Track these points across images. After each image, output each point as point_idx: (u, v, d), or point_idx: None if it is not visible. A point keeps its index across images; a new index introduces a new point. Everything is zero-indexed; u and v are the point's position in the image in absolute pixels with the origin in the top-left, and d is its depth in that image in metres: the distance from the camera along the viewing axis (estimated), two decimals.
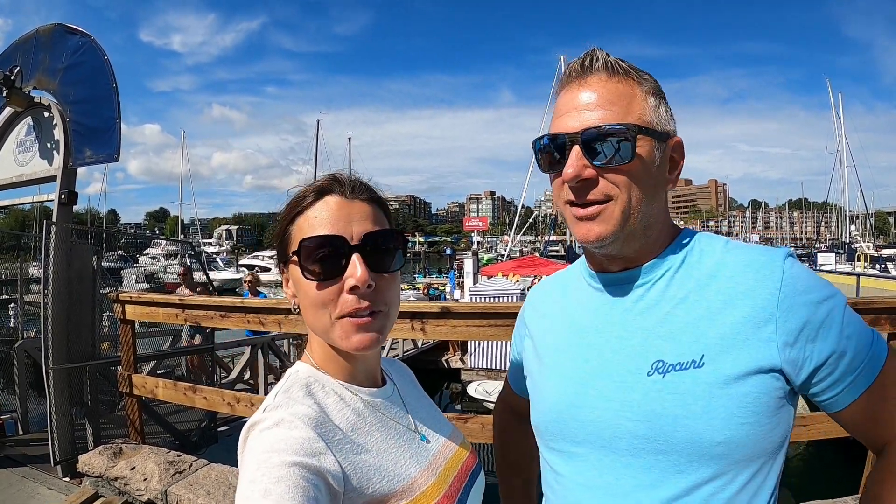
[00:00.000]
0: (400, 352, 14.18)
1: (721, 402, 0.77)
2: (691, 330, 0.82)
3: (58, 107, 4.34)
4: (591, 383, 0.88)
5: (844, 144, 49.01)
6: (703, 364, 0.79)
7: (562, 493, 0.92)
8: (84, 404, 4.25)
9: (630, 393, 0.83)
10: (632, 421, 0.82)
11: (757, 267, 0.82)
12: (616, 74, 0.85)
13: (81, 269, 4.26)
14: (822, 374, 0.78)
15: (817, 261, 29.85)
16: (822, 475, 8.22)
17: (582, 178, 0.83)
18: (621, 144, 0.81)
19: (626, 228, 0.84)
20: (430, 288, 26.63)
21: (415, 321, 2.83)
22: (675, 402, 0.79)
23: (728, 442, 0.77)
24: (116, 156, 4.14)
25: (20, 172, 4.63)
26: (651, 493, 0.81)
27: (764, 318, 0.79)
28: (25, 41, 4.74)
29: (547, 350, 1.00)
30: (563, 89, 0.88)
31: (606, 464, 0.85)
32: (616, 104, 0.83)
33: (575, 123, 0.84)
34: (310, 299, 0.82)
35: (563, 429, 0.91)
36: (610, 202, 0.83)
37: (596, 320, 0.92)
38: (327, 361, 0.88)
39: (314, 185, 0.86)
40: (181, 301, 3.91)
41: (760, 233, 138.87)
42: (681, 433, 0.78)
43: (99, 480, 3.39)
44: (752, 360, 0.78)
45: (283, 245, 0.86)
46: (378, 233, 0.84)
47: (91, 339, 4.30)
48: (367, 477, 0.77)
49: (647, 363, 0.83)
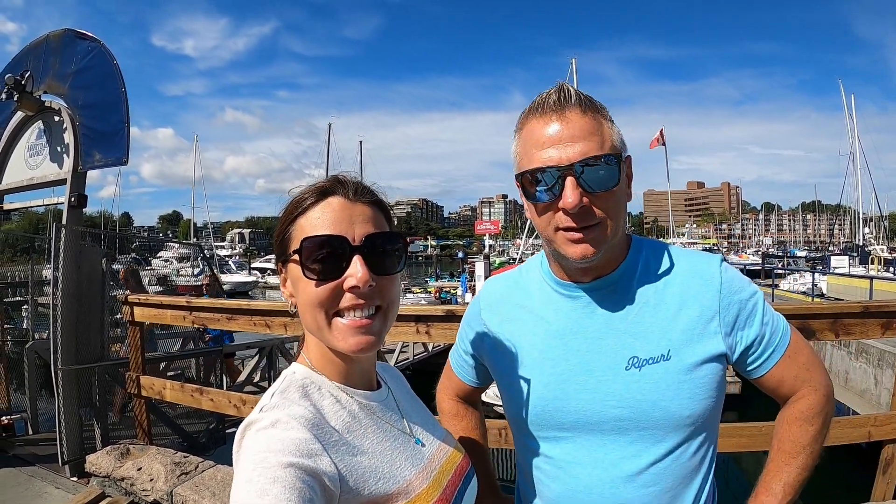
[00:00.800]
0: (410, 355, 14.17)
1: (686, 386, 0.98)
2: (658, 330, 1.01)
3: (68, 111, 4.39)
4: (573, 379, 1.03)
5: (857, 146, 48.58)
6: (670, 357, 0.99)
7: (551, 472, 1.07)
8: (93, 405, 4.28)
9: (611, 385, 1.00)
10: (616, 408, 1.00)
11: (700, 273, 1.04)
12: (588, 109, 0.95)
13: (91, 272, 4.30)
14: (751, 351, 1.04)
15: (830, 264, 29.39)
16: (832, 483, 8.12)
17: (580, 206, 0.92)
18: (608, 170, 0.93)
19: (610, 243, 0.98)
20: (441, 291, 26.63)
21: (420, 324, 2.83)
22: (652, 389, 0.98)
23: (692, 415, 0.98)
24: (125, 159, 4.18)
25: (31, 175, 4.69)
26: (635, 461, 1.00)
27: (710, 316, 1.01)
28: (36, 46, 4.80)
29: (522, 351, 1.10)
30: (539, 119, 0.96)
31: (594, 442, 1.02)
32: (594, 136, 0.94)
33: (563, 156, 0.92)
34: (308, 298, 0.82)
35: (549, 419, 1.05)
36: (600, 224, 0.95)
37: (571, 324, 1.06)
38: (324, 363, 0.88)
39: (317, 186, 0.86)
40: (188, 303, 3.93)
41: (773, 235, 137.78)
42: (658, 413, 0.98)
43: (106, 480, 3.41)
44: (705, 350, 1.00)
45: (284, 244, 0.86)
46: (380, 235, 0.85)
47: (100, 340, 4.34)
48: (363, 479, 0.77)
49: (623, 359, 1.01)
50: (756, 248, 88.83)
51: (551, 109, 0.95)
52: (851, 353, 8.91)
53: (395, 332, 2.95)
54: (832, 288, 18.30)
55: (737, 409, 9.94)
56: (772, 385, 1.07)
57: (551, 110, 0.95)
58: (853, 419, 2.58)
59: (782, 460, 1.07)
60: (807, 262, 40.03)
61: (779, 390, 1.08)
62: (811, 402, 1.07)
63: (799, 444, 1.07)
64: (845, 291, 16.59)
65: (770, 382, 1.07)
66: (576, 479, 1.03)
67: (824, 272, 22.33)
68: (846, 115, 49.80)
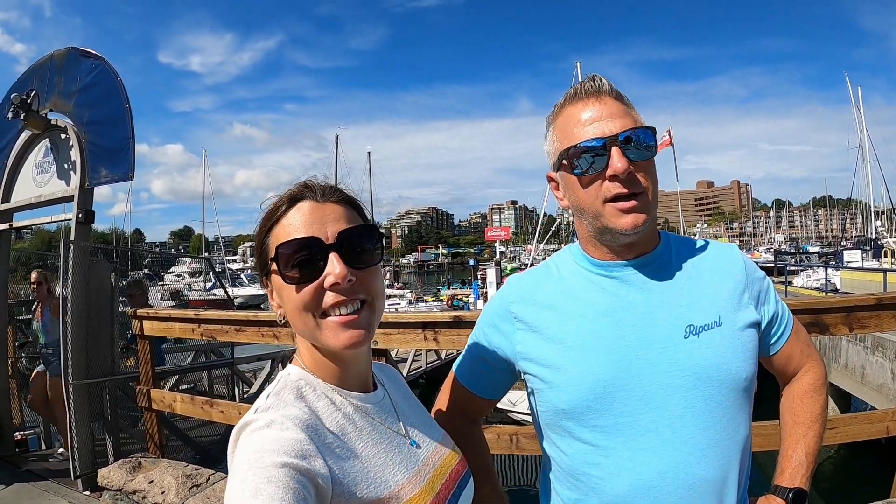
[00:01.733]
0: (423, 363, 14.17)
1: (740, 349, 1.03)
2: (706, 298, 1.06)
3: (74, 128, 4.43)
4: (633, 355, 1.02)
5: (866, 139, 48.15)
6: (722, 322, 1.04)
7: (614, 465, 1.01)
8: (104, 419, 4.30)
9: (674, 354, 1.01)
10: (682, 377, 1.00)
11: (726, 254, 1.14)
12: (618, 96, 1.04)
13: (100, 287, 4.32)
14: (771, 326, 1.13)
15: (843, 258, 29.07)
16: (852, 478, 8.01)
17: (628, 172, 0.98)
18: (647, 141, 1.01)
19: (653, 214, 1.03)
20: (453, 299, 26.67)
21: (427, 331, 2.81)
22: (713, 353, 1.01)
23: (748, 377, 1.03)
24: (131, 174, 4.20)
25: (39, 193, 4.73)
26: (706, 434, 0.99)
27: (742, 289, 1.09)
28: (41, 65, 4.85)
29: (569, 335, 1.06)
30: (577, 104, 1.04)
31: (662, 422, 0.99)
32: (627, 115, 1.02)
33: (606, 129, 0.99)
34: (293, 303, 0.83)
35: (612, 402, 1.01)
36: (644, 192, 1.00)
37: (620, 301, 1.06)
38: (317, 366, 0.88)
39: (286, 194, 0.87)
40: (197, 316, 3.95)
41: (785, 232, 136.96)
42: (721, 375, 1.00)
43: (118, 494, 3.43)
44: (746, 317, 1.07)
45: (263, 256, 0.87)
46: (352, 230, 0.85)
47: (110, 355, 4.36)
48: (355, 482, 0.77)
49: (680, 328, 1.02)
50: (768, 245, 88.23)
51: (588, 94, 1.03)
52: (867, 347, 8.81)
53: (403, 339, 2.93)
54: (846, 283, 18.10)
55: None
56: (783, 361, 1.17)
57: (588, 95, 1.03)
58: (871, 414, 2.54)
59: (800, 432, 1.14)
60: (819, 257, 39.63)
61: (788, 366, 1.18)
62: (816, 374, 1.19)
63: (813, 413, 1.15)
64: (859, 286, 16.39)
65: (782, 358, 1.17)
66: (646, 466, 0.99)
67: (837, 267, 22.12)
68: (853, 108, 49.41)
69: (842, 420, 2.35)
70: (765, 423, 2.29)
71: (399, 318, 2.96)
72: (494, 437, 2.60)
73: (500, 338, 1.15)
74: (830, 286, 17.75)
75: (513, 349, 1.13)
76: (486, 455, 1.28)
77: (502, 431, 2.60)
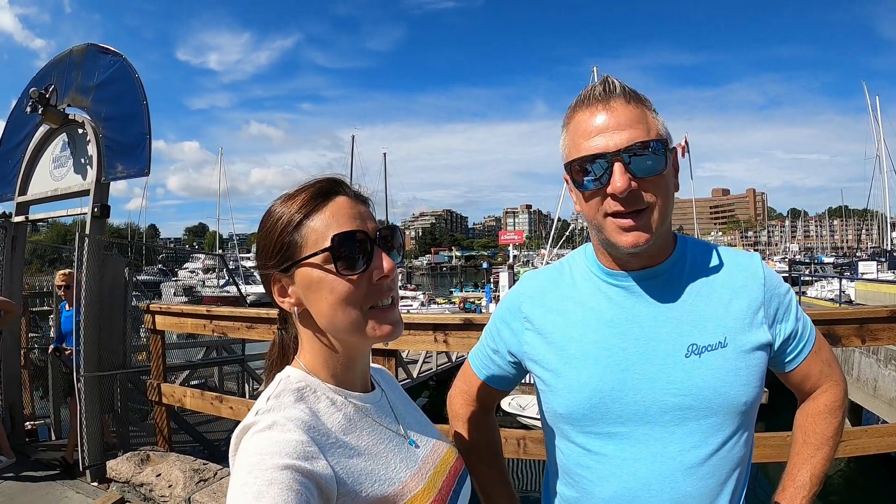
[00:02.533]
0: (434, 365, 14.15)
1: (743, 373, 1.00)
2: (713, 318, 1.02)
3: (91, 123, 4.48)
4: (632, 368, 1.01)
5: (884, 148, 47.67)
6: (727, 344, 1.00)
7: (604, 470, 1.03)
8: (114, 412, 4.34)
9: (672, 372, 1.00)
10: (676, 396, 0.99)
11: (745, 267, 1.08)
12: (632, 100, 0.97)
13: (113, 281, 4.37)
14: (787, 344, 1.08)
15: (858, 269, 28.66)
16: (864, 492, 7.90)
17: (629, 190, 0.93)
18: (655, 157, 0.95)
19: (660, 230, 0.98)
20: (465, 302, 26.64)
21: (437, 333, 2.81)
22: (712, 376, 0.99)
23: (748, 402, 1.00)
24: (147, 170, 4.25)
25: (55, 187, 4.79)
26: (694, 453, 0.99)
27: (756, 307, 1.04)
28: (60, 61, 4.92)
29: (572, 343, 1.07)
30: (585, 111, 0.98)
31: (652, 436, 1.00)
32: (640, 123, 0.95)
33: (611, 143, 0.94)
34: (339, 296, 0.81)
35: (606, 411, 1.02)
36: (648, 209, 0.96)
37: (625, 313, 1.04)
38: (319, 366, 0.87)
39: (315, 189, 0.85)
40: (208, 312, 3.97)
41: (800, 242, 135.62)
42: (718, 399, 0.98)
43: (126, 486, 3.45)
44: (756, 338, 1.02)
45: (289, 251, 0.84)
46: (388, 228, 0.88)
47: (122, 348, 4.40)
48: (360, 481, 0.77)
49: (682, 346, 1.00)
50: (783, 255, 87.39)
51: (597, 100, 0.97)
52: (880, 360, 8.69)
53: (413, 340, 2.93)
54: (860, 294, 17.86)
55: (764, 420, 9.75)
56: (799, 379, 1.13)
57: (597, 101, 0.97)
58: (883, 428, 2.51)
59: (808, 452, 1.11)
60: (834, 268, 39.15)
61: (804, 384, 1.14)
62: (833, 395, 1.13)
63: (824, 436, 1.12)
64: (874, 298, 16.17)
65: (798, 377, 1.12)
66: (633, 476, 1.00)
67: (852, 278, 21.83)
68: (871, 117, 48.97)
69: (852, 433, 2.31)
70: (775, 435, 2.28)
71: (410, 320, 2.95)
72: (502, 440, 2.59)
73: (510, 334, 1.17)
74: (845, 297, 17.52)
75: (520, 348, 1.15)
76: (497, 443, 1.34)
77: (510, 435, 2.59)
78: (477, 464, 1.25)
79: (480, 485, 1.26)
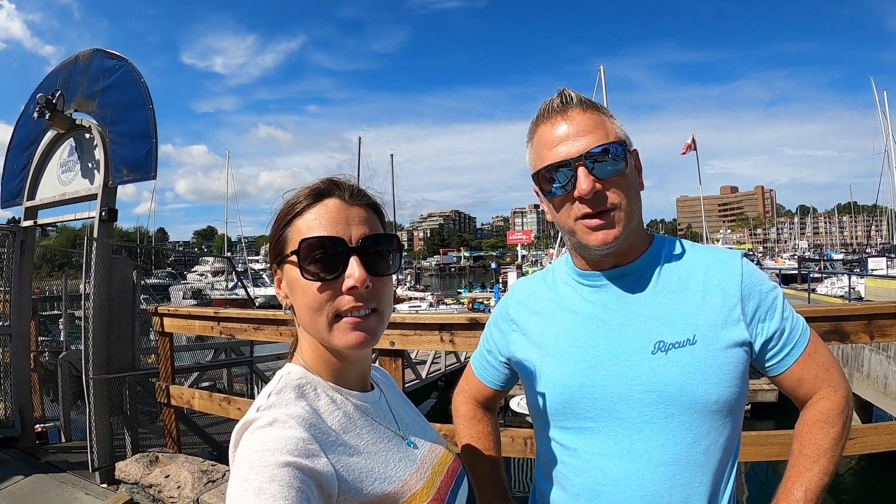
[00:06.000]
0: (442, 366, 14.13)
1: (713, 371, 0.99)
2: (683, 315, 1.03)
3: (98, 128, 4.51)
4: (599, 365, 1.04)
5: (892, 144, 47.09)
6: (696, 342, 1.01)
7: (574, 465, 1.07)
8: (123, 414, 4.37)
9: (637, 369, 1.01)
10: (642, 392, 1.00)
11: (722, 264, 1.07)
12: (588, 108, 1.03)
13: (122, 284, 4.39)
14: (771, 345, 1.05)
15: (868, 266, 28.44)
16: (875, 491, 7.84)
17: (594, 192, 0.98)
18: (615, 159, 1.00)
19: (628, 228, 1.02)
20: (474, 302, 26.60)
21: (444, 333, 2.81)
22: (679, 373, 0.99)
23: (719, 401, 0.99)
24: (153, 174, 4.26)
25: (63, 191, 4.82)
26: (663, 451, 0.99)
27: (732, 304, 1.03)
28: (66, 66, 4.96)
29: (549, 341, 1.12)
30: (546, 123, 1.04)
31: (620, 432, 1.02)
32: (598, 129, 1.01)
33: (573, 150, 1.00)
34: (307, 300, 0.82)
35: (576, 408, 1.05)
36: (615, 209, 1.00)
37: (597, 312, 1.08)
38: (318, 364, 0.87)
39: (312, 188, 0.87)
40: (216, 314, 3.99)
41: (809, 239, 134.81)
42: (685, 397, 0.99)
43: (134, 487, 3.48)
44: (730, 336, 1.01)
45: (279, 246, 0.86)
46: (375, 236, 0.85)
47: (131, 351, 4.42)
48: (360, 479, 0.77)
49: (649, 344, 1.02)
50: (792, 252, 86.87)
51: (556, 112, 1.03)
52: (891, 357, 8.61)
53: (419, 340, 2.94)
54: (870, 291, 17.74)
55: (773, 418, 9.70)
56: (791, 384, 1.08)
57: (556, 112, 1.03)
58: (893, 425, 2.48)
59: (804, 465, 1.05)
60: (844, 264, 38.88)
61: (798, 390, 1.09)
62: (831, 403, 1.06)
63: (820, 447, 1.05)
64: (885, 294, 16.06)
65: (790, 381, 1.08)
66: (601, 471, 1.03)
67: (862, 275, 21.67)
68: (879, 112, 48.39)
69: (862, 430, 2.30)
70: (779, 433, 2.27)
71: (416, 320, 2.96)
72: (509, 440, 2.59)
73: (500, 336, 1.25)
74: (854, 294, 17.42)
75: (508, 348, 1.23)
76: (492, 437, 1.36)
77: (517, 434, 2.59)
78: (471, 454, 1.32)
79: (474, 475, 1.30)
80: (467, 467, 1.31)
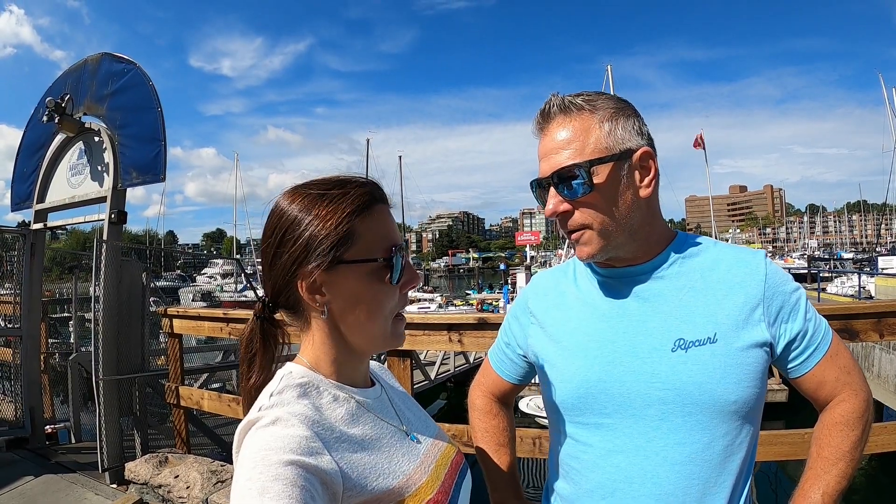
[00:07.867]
0: (451, 367, 14.11)
1: (733, 370, 0.97)
2: (704, 313, 1.00)
3: (107, 131, 4.55)
4: (619, 361, 1.03)
5: None
6: (717, 340, 0.98)
7: (589, 461, 1.06)
8: (133, 415, 4.39)
9: (657, 366, 1.00)
10: (661, 390, 0.99)
11: (745, 263, 1.04)
12: (571, 113, 1.00)
13: (131, 286, 4.43)
14: (793, 346, 1.02)
15: (878, 264, 28.16)
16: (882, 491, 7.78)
17: (559, 213, 1.01)
18: (580, 180, 0.97)
19: (612, 243, 1.01)
20: (483, 303, 26.56)
21: (452, 333, 2.80)
22: (698, 371, 0.97)
23: (738, 401, 0.97)
24: (162, 176, 4.30)
25: (73, 194, 4.86)
26: (679, 449, 0.98)
27: (754, 304, 1.00)
28: (75, 70, 5.01)
29: (567, 335, 1.11)
30: (535, 136, 1.06)
31: (636, 429, 1.00)
32: (574, 142, 0.98)
33: (546, 168, 1.01)
34: (378, 302, 0.84)
35: (592, 403, 1.04)
36: (587, 228, 1.01)
37: (617, 307, 1.07)
38: (321, 363, 0.87)
39: (367, 190, 0.86)
40: (225, 315, 4.00)
41: (819, 238, 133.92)
42: (704, 396, 0.97)
43: (144, 487, 3.49)
44: (751, 336, 0.99)
45: (341, 247, 0.80)
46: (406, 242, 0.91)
47: (140, 352, 4.45)
48: (364, 475, 0.77)
49: (669, 341, 1.00)
50: (801, 251, 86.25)
51: (539, 126, 1.04)
52: None
53: (428, 340, 2.94)
54: (881, 290, 17.59)
55: (784, 418, 9.65)
56: (812, 386, 1.05)
57: (539, 126, 1.04)
58: None
59: (822, 467, 1.03)
60: (854, 263, 38.57)
61: (819, 392, 1.06)
62: (852, 406, 1.04)
63: (840, 450, 1.03)
64: (895, 293, 15.93)
65: (811, 383, 1.05)
66: (616, 468, 1.02)
67: (872, 273, 21.50)
68: (888, 109, 48.02)
69: (873, 430, 2.22)
70: (789, 432, 2.25)
71: (424, 320, 2.96)
72: (518, 439, 2.59)
73: (519, 329, 1.24)
74: (865, 293, 17.29)
75: (526, 341, 1.21)
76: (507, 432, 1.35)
77: (525, 434, 2.58)
78: (485, 450, 1.31)
79: (487, 472, 1.31)
80: (481, 463, 1.32)
